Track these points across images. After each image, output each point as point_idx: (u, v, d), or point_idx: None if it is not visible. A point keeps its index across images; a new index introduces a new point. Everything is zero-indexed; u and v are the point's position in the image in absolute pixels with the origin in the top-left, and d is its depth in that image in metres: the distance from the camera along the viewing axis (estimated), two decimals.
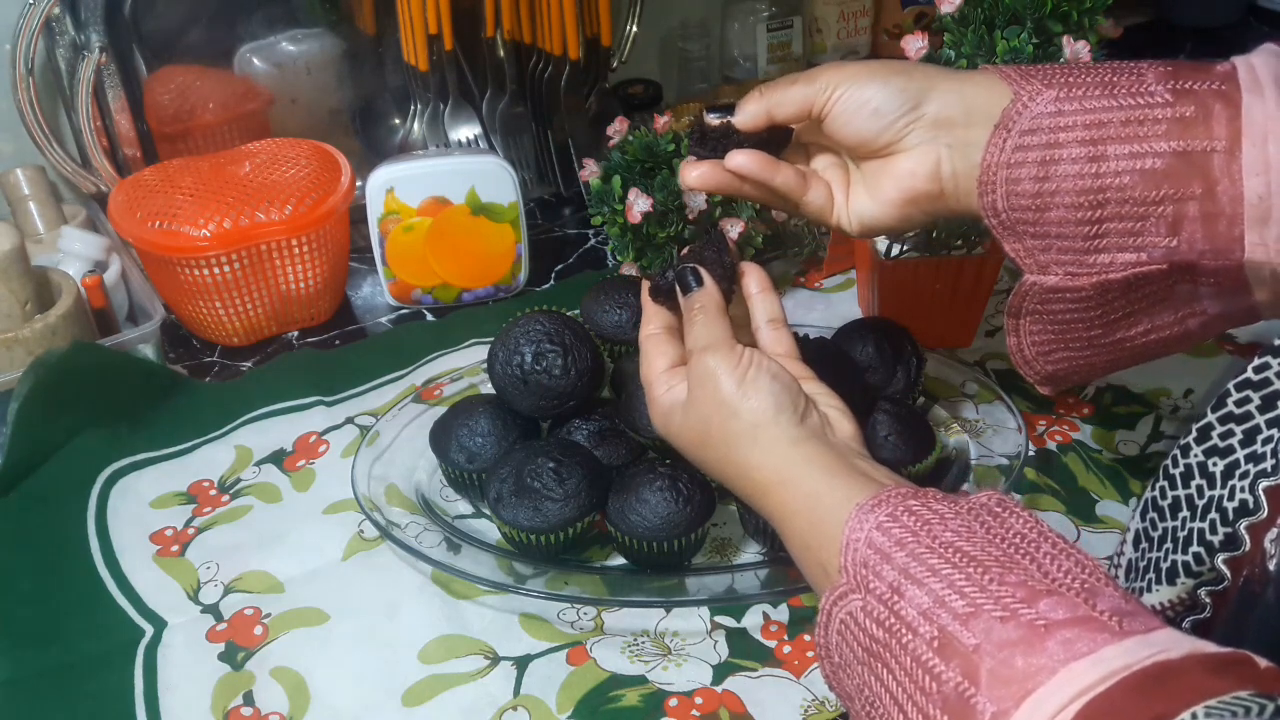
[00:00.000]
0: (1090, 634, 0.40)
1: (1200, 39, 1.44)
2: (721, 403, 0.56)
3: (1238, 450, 0.49)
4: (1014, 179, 0.56)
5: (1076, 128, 0.55)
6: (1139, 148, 0.54)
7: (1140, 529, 0.56)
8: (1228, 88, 0.53)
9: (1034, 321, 0.61)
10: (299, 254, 0.93)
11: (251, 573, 0.74)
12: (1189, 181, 0.54)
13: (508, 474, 0.71)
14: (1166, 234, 0.55)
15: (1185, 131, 0.54)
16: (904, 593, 0.45)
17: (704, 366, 0.57)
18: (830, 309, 0.96)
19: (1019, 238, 0.58)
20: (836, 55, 1.28)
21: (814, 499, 0.52)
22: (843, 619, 0.47)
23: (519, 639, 0.69)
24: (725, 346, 0.58)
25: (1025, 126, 0.56)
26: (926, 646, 0.43)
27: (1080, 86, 0.56)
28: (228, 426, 0.86)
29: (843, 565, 0.48)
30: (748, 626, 0.69)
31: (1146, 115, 0.54)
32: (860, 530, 0.48)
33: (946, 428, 0.80)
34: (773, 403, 0.55)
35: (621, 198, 0.80)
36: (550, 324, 0.75)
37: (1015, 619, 0.41)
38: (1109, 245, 0.56)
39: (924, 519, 0.47)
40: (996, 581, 0.43)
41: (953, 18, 0.76)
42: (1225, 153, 0.53)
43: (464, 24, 1.05)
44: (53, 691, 0.66)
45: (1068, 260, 0.57)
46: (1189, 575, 0.51)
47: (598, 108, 1.13)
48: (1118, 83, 0.55)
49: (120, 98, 0.99)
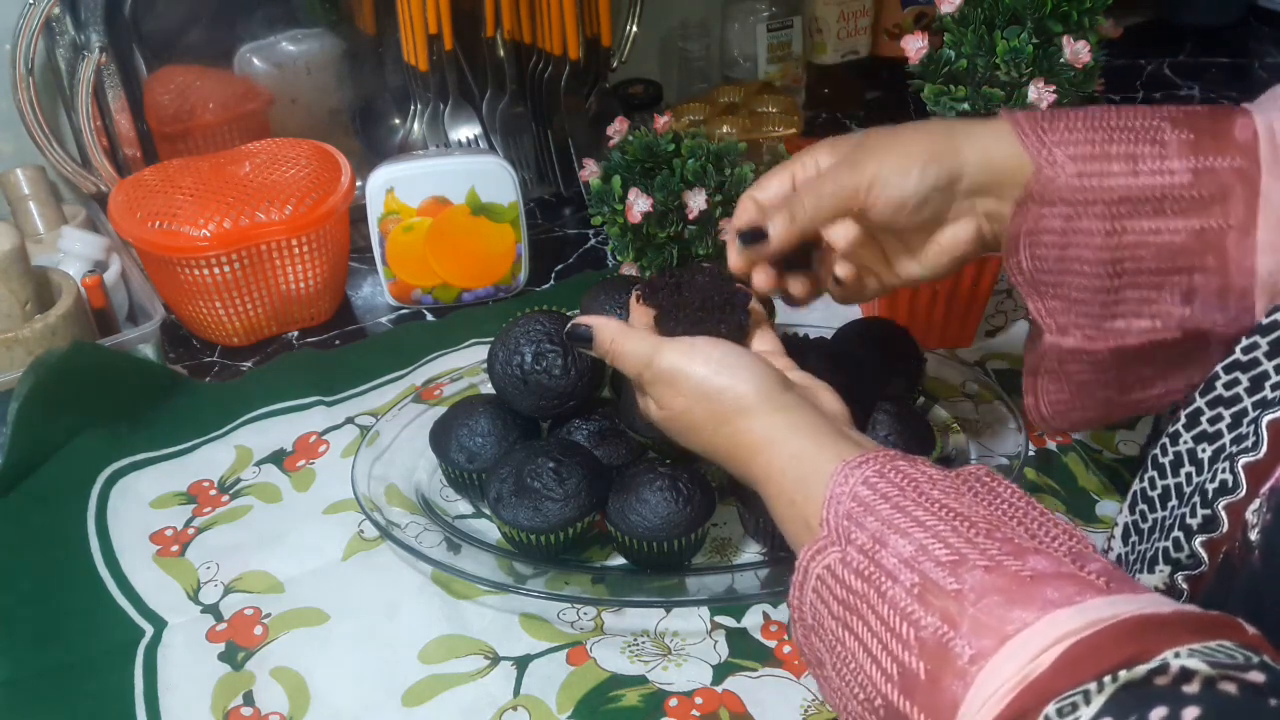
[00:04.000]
0: (1077, 587, 0.39)
1: (1200, 39, 1.44)
2: (700, 383, 0.56)
3: (1225, 435, 0.50)
4: (1036, 243, 0.57)
5: (1099, 203, 0.55)
6: (1158, 224, 0.55)
7: (1129, 522, 0.56)
8: (1247, 165, 0.54)
9: (1051, 381, 0.61)
10: (299, 254, 0.93)
11: (251, 573, 0.74)
12: (1203, 255, 0.55)
13: (508, 474, 0.71)
14: (1181, 303, 0.56)
15: (1203, 210, 0.54)
16: (886, 542, 0.44)
17: (690, 347, 0.58)
18: (830, 309, 0.95)
19: (1042, 298, 0.58)
20: (837, 55, 1.28)
21: (800, 457, 0.51)
22: (819, 574, 0.47)
23: (519, 639, 0.69)
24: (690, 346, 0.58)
25: (1049, 199, 0.56)
26: (906, 594, 0.42)
27: (1103, 159, 0.55)
28: (228, 426, 0.86)
29: (824, 519, 0.48)
30: (748, 626, 0.69)
31: (1167, 194, 0.55)
32: (845, 485, 0.48)
33: (946, 428, 0.80)
34: (759, 375, 0.55)
35: (621, 198, 0.80)
36: (550, 324, 0.75)
37: (1000, 569, 0.41)
38: (1126, 312, 0.57)
39: (911, 477, 0.47)
40: (983, 535, 0.43)
41: (953, 18, 0.76)
42: (1240, 230, 0.54)
43: (464, 24, 1.05)
44: (53, 691, 0.66)
45: (1086, 324, 0.58)
46: (1167, 561, 0.51)
47: (598, 108, 1.13)
48: (1140, 154, 0.55)
49: (120, 98, 0.99)
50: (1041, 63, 0.74)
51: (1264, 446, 0.46)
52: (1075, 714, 0.35)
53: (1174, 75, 1.37)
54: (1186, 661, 0.34)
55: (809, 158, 0.62)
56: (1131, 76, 1.36)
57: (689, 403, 0.57)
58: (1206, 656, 0.34)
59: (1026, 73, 0.74)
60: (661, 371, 0.58)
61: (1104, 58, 0.75)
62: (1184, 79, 1.36)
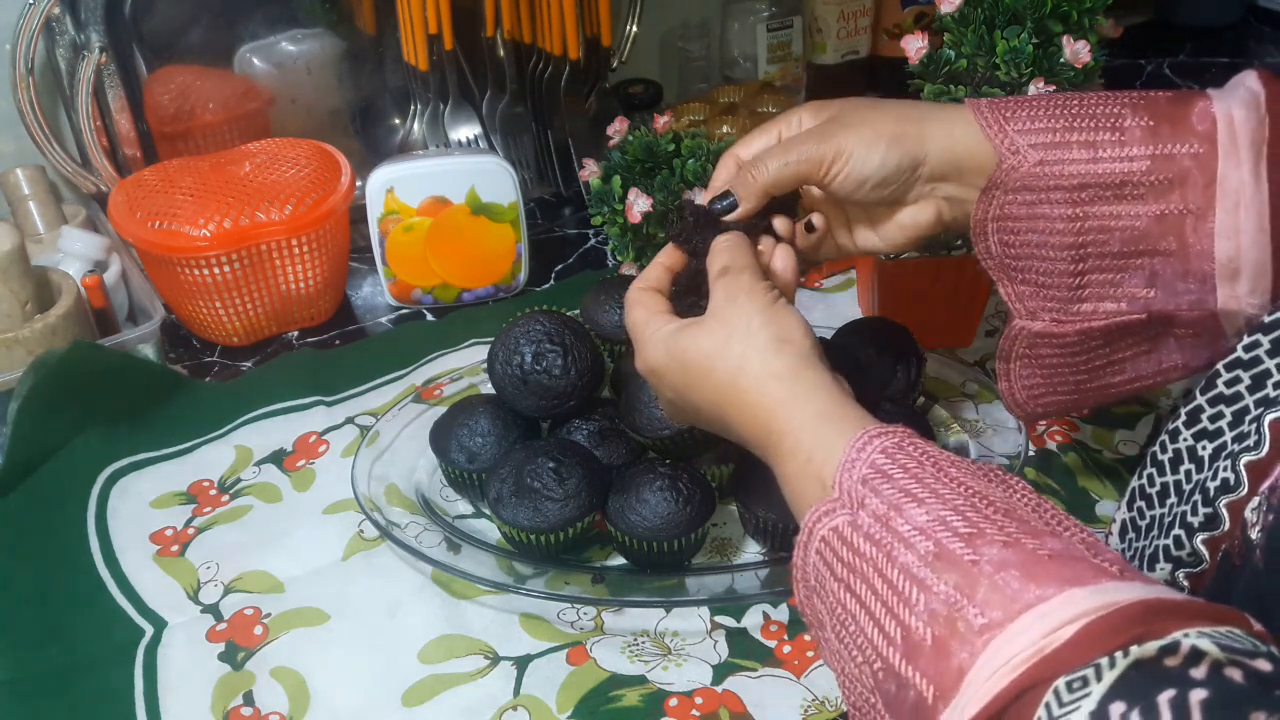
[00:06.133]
0: (1092, 571, 0.40)
1: (1200, 39, 1.44)
2: (751, 315, 0.54)
3: (1226, 433, 0.50)
4: (1003, 229, 0.59)
5: (1060, 189, 0.57)
6: (1118, 209, 0.57)
7: (1127, 519, 0.56)
8: (1205, 151, 0.55)
9: (1024, 366, 0.63)
10: (299, 254, 0.93)
11: (251, 573, 0.74)
12: (1164, 240, 0.57)
13: (508, 474, 0.71)
14: (1145, 285, 0.58)
15: (1162, 195, 0.56)
16: (902, 510, 0.44)
17: (738, 282, 0.56)
18: (830, 309, 0.96)
19: (1011, 281, 0.61)
20: (837, 55, 1.28)
21: (823, 417, 0.51)
22: (824, 535, 0.47)
23: (519, 639, 0.69)
24: (756, 271, 0.57)
25: (1012, 186, 0.58)
26: (919, 560, 0.42)
27: (1063, 147, 0.57)
28: (228, 426, 0.86)
29: (837, 481, 0.47)
30: (748, 626, 0.69)
31: (1126, 179, 0.56)
32: (863, 451, 0.48)
33: (946, 428, 0.80)
34: (801, 326, 0.55)
35: (621, 198, 0.80)
36: (550, 324, 0.75)
37: (1019, 545, 0.41)
38: (1091, 295, 0.59)
39: (931, 455, 0.47)
40: (1001, 514, 0.43)
41: (953, 18, 0.76)
42: (1197, 215, 0.56)
43: (464, 24, 1.05)
44: (53, 691, 0.66)
45: (1054, 307, 0.60)
46: (1168, 559, 0.51)
47: (598, 108, 1.13)
48: (1100, 141, 0.57)
49: (120, 98, 0.99)
50: (1041, 63, 0.74)
51: (1265, 445, 0.46)
52: (1085, 689, 0.35)
53: (1174, 75, 1.37)
54: (1197, 642, 0.34)
55: (794, 116, 0.63)
56: (1131, 76, 1.36)
57: (733, 324, 0.55)
58: (1216, 640, 0.35)
59: (1026, 73, 0.74)
60: (741, 282, 0.56)
61: (1104, 58, 0.75)
62: (1184, 79, 1.36)
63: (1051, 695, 0.36)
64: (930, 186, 0.60)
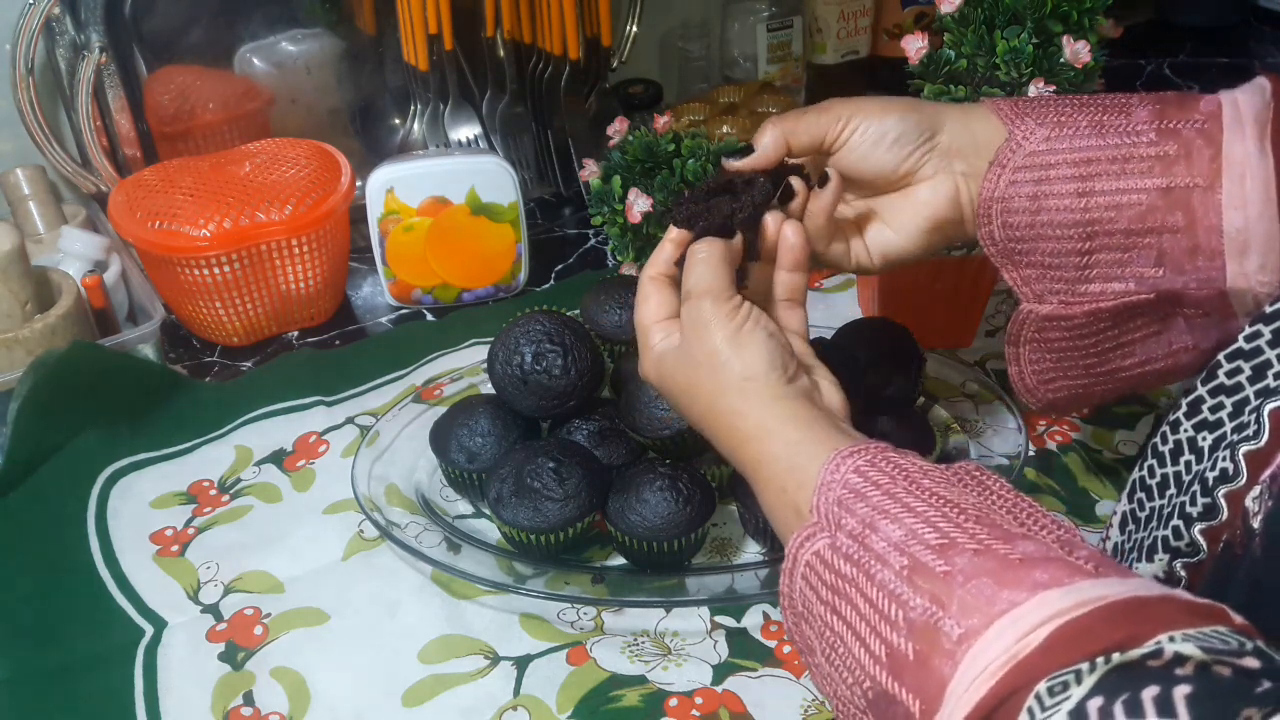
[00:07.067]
0: (1066, 571, 0.40)
1: (1200, 39, 1.44)
2: (714, 351, 0.54)
3: (1226, 424, 0.50)
4: (1008, 210, 0.59)
5: (1066, 164, 0.58)
6: (1124, 184, 0.57)
7: (1127, 510, 0.56)
8: (1210, 125, 0.56)
9: (1033, 350, 0.63)
10: (299, 254, 0.93)
11: (251, 573, 0.74)
12: (1171, 215, 0.56)
13: (508, 474, 0.71)
14: (1153, 264, 0.58)
15: (1168, 169, 0.56)
16: (877, 527, 0.44)
17: (699, 312, 0.55)
18: (830, 309, 0.96)
19: (1016, 266, 0.60)
20: (837, 55, 1.28)
21: (794, 445, 0.51)
22: (808, 561, 0.47)
23: (519, 639, 0.69)
24: (723, 295, 0.55)
25: (1018, 163, 0.58)
26: (895, 576, 0.42)
27: (1071, 126, 0.58)
28: (228, 426, 0.86)
29: (814, 505, 0.48)
30: (748, 626, 0.69)
31: (1132, 153, 0.57)
32: (837, 473, 0.48)
33: (946, 428, 0.80)
34: (766, 358, 0.54)
35: (621, 198, 0.80)
36: (550, 324, 0.75)
37: (990, 552, 0.41)
38: (1099, 275, 0.59)
39: (902, 467, 0.47)
40: (973, 521, 0.43)
41: (953, 18, 0.76)
42: (1205, 188, 0.56)
43: (464, 24, 1.05)
44: (53, 691, 0.66)
45: (1061, 289, 0.60)
46: (1166, 550, 0.51)
47: (598, 108, 1.13)
48: (1106, 122, 0.58)
49: (120, 98, 0.99)
50: (1041, 63, 0.74)
51: (1265, 434, 0.46)
52: (1066, 693, 0.35)
53: (1174, 75, 1.37)
54: (1180, 646, 0.34)
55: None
56: (1131, 76, 1.36)
57: (699, 358, 0.55)
58: (1200, 642, 0.34)
59: (1026, 73, 0.74)
60: (701, 312, 0.55)
61: (1104, 58, 0.75)
62: (1184, 79, 1.36)
63: (1034, 700, 0.36)
64: (946, 162, 0.60)
